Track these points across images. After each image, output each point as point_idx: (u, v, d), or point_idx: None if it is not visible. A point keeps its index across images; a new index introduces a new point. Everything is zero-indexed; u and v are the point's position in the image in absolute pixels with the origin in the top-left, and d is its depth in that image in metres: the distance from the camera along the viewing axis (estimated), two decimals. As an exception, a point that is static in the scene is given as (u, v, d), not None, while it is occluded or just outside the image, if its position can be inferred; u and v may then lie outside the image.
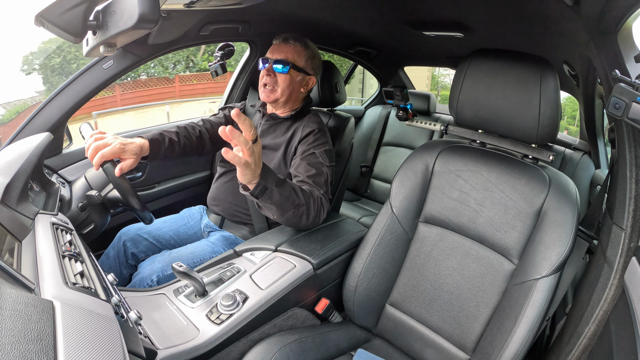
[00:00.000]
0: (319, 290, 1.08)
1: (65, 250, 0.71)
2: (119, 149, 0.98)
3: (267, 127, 1.30)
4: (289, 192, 0.98)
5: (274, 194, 0.94)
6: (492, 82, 0.94)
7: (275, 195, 0.94)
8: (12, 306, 0.40)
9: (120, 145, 0.98)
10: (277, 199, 0.95)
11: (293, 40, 1.23)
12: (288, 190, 0.97)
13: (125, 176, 0.99)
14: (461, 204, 1.00)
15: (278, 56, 1.20)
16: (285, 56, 1.20)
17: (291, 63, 1.20)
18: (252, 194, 0.92)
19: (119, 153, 0.98)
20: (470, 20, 1.35)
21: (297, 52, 1.22)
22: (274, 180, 0.93)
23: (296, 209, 1.01)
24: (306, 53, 1.24)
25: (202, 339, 0.80)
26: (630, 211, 0.77)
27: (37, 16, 0.74)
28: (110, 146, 0.96)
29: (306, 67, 1.24)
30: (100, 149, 0.96)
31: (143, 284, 1.07)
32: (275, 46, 1.23)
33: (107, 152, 0.95)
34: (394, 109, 2.44)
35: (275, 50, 1.22)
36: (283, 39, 1.23)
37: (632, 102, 0.60)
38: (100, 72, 1.28)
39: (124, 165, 0.98)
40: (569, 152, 1.92)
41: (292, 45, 1.22)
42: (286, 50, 1.21)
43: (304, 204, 1.02)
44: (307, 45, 1.25)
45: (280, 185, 0.95)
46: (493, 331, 0.89)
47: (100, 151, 0.95)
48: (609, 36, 0.81)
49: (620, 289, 0.76)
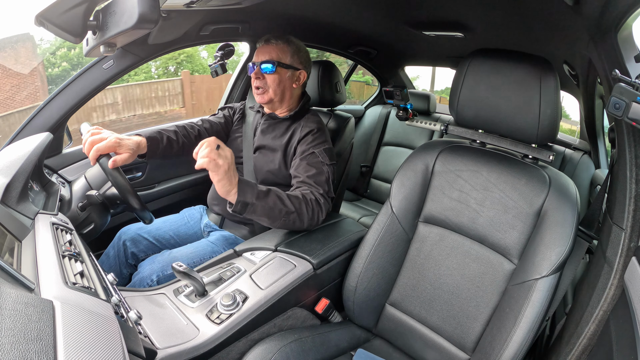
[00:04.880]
0: (319, 290, 1.08)
1: (65, 250, 0.71)
2: (115, 143, 0.98)
3: (266, 126, 1.30)
4: (274, 202, 0.98)
5: (257, 207, 0.95)
6: (492, 82, 0.93)
7: (258, 209, 0.95)
8: (12, 306, 0.40)
9: (116, 139, 0.99)
10: (261, 211, 0.96)
11: (274, 39, 1.24)
12: (273, 200, 0.98)
13: (120, 170, 0.99)
14: (461, 203, 1.00)
15: (263, 57, 1.22)
16: (270, 56, 1.21)
17: (277, 61, 1.21)
18: (234, 210, 0.94)
19: (114, 147, 0.98)
20: (470, 20, 1.35)
21: (281, 49, 1.23)
22: (253, 194, 0.94)
23: (286, 217, 1.01)
24: (290, 49, 1.24)
25: (202, 338, 0.80)
26: (630, 211, 0.77)
27: (37, 16, 0.74)
28: (106, 140, 0.97)
29: (293, 62, 1.25)
30: (96, 143, 0.96)
31: (143, 284, 1.08)
32: (259, 49, 1.24)
33: (102, 145, 0.96)
34: (394, 108, 2.43)
35: (260, 52, 1.23)
36: (265, 40, 1.24)
37: (632, 102, 0.60)
38: (100, 72, 1.28)
39: (118, 158, 0.98)
40: (569, 152, 1.92)
41: (274, 44, 1.23)
42: (270, 50, 1.22)
43: (294, 211, 1.02)
44: (290, 41, 1.26)
45: (263, 197, 0.96)
46: (493, 331, 0.89)
47: (95, 145, 0.96)
48: (609, 36, 0.81)
49: (620, 289, 0.76)
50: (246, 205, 0.94)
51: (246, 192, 0.93)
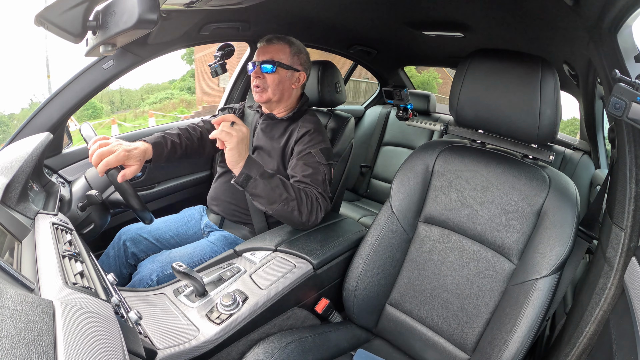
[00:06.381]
0: (319, 290, 1.08)
1: (65, 250, 0.71)
2: (124, 156, 0.99)
3: (264, 126, 1.31)
4: (276, 184, 1.03)
5: (258, 183, 1.00)
6: (492, 82, 0.93)
7: (259, 185, 1.00)
8: (12, 306, 0.40)
9: (124, 152, 0.99)
10: (262, 189, 1.01)
11: (276, 39, 1.24)
12: (275, 182, 1.03)
13: (128, 182, 1.01)
14: (461, 204, 1.00)
15: (263, 57, 1.22)
16: (271, 56, 1.22)
17: (277, 62, 1.21)
18: (237, 182, 1.00)
19: (123, 160, 0.99)
20: (470, 20, 1.35)
21: (282, 50, 1.23)
22: (258, 171, 1.01)
23: (285, 203, 1.04)
24: (291, 50, 1.25)
25: (202, 338, 0.80)
26: (630, 211, 0.77)
27: (37, 16, 0.74)
28: (115, 153, 0.97)
29: (293, 63, 1.25)
30: (104, 156, 0.96)
31: (143, 284, 1.08)
32: (260, 49, 1.25)
33: (112, 159, 0.96)
34: (394, 108, 2.44)
35: (261, 52, 1.24)
36: (267, 40, 1.25)
37: (632, 102, 0.60)
38: (100, 72, 1.28)
39: (127, 172, 0.99)
40: (569, 152, 1.92)
41: (275, 44, 1.23)
42: (271, 51, 1.22)
43: (294, 199, 1.05)
44: (291, 42, 1.26)
45: (267, 177, 1.02)
46: (493, 331, 0.89)
47: (105, 159, 0.96)
48: (609, 36, 0.81)
49: (620, 289, 0.76)
50: (249, 178, 0.99)
51: (252, 167, 1.00)
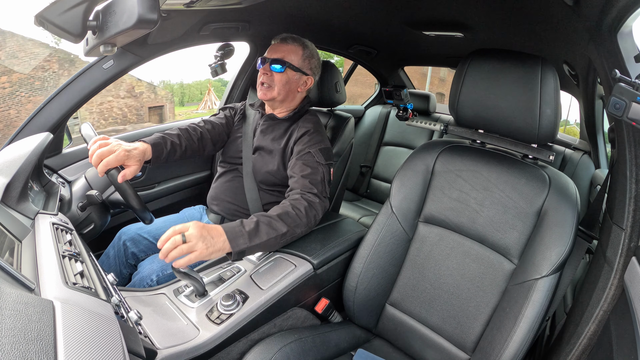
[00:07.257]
0: (319, 290, 1.08)
1: (65, 250, 0.71)
2: (124, 157, 0.99)
3: (265, 127, 1.31)
4: (267, 233, 0.94)
5: (254, 248, 0.93)
6: (492, 82, 0.94)
7: (255, 248, 0.93)
8: (12, 306, 0.40)
9: (124, 152, 0.99)
10: (259, 248, 0.94)
11: (291, 40, 1.23)
12: (265, 232, 0.94)
13: (128, 182, 1.00)
14: (461, 203, 1.00)
15: (275, 55, 1.21)
16: (283, 55, 1.21)
17: (288, 62, 1.21)
18: (235, 260, 0.92)
19: (123, 160, 0.99)
20: (470, 20, 1.35)
21: (295, 51, 1.23)
22: (245, 239, 0.90)
23: (283, 238, 0.98)
24: (304, 53, 1.24)
25: (202, 338, 0.80)
26: (630, 211, 0.77)
27: (36, 16, 0.74)
28: (115, 154, 0.97)
29: (303, 66, 1.25)
30: (104, 156, 0.96)
31: (143, 284, 1.07)
32: (273, 46, 1.24)
33: (112, 160, 0.96)
34: (394, 108, 2.44)
35: (273, 50, 1.23)
36: (281, 39, 1.24)
37: (632, 102, 0.60)
38: (100, 72, 1.27)
39: (127, 172, 0.99)
40: (569, 152, 1.92)
41: (290, 45, 1.23)
42: (284, 50, 1.22)
43: (289, 229, 0.99)
44: (306, 45, 1.26)
45: (255, 235, 0.92)
46: (493, 331, 0.89)
47: (104, 159, 0.96)
48: (609, 36, 0.81)
49: (620, 289, 0.76)
50: (243, 253, 0.91)
51: (237, 241, 0.89)
